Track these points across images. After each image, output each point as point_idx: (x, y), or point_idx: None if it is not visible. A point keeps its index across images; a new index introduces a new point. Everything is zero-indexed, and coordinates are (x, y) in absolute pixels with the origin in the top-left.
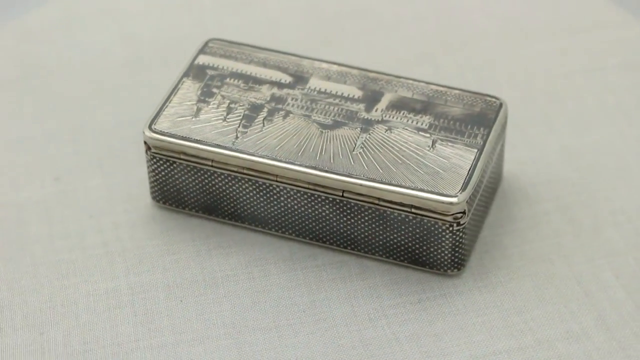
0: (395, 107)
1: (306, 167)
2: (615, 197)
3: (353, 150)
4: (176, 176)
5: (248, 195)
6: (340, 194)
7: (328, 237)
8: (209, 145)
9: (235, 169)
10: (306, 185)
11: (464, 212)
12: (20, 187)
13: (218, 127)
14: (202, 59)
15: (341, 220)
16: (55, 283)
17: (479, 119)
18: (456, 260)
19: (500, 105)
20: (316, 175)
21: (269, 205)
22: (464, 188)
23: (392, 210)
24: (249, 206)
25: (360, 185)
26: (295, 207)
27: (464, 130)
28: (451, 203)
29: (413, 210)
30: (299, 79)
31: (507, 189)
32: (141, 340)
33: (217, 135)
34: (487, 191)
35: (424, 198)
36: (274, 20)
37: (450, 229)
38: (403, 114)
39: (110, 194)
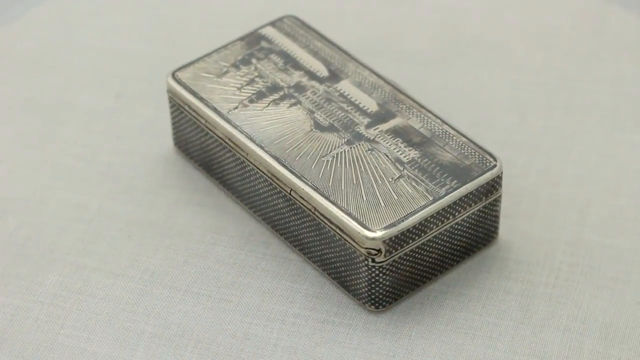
0: (394, 132)
1: (270, 155)
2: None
3: (323, 156)
4: (184, 125)
5: (229, 165)
6: (289, 191)
7: (283, 231)
8: (207, 106)
9: (221, 136)
10: (267, 173)
11: (379, 250)
12: None
13: (229, 93)
14: (267, 31)
15: (291, 218)
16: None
17: (462, 172)
18: (373, 297)
19: (493, 166)
20: (274, 167)
21: (243, 181)
22: (388, 227)
23: (324, 224)
24: (230, 176)
25: (303, 189)
26: (260, 190)
27: (436, 177)
28: (366, 237)
29: (338, 231)
30: (334, 76)
31: (499, 256)
32: (71, 255)
33: (221, 100)
34: (446, 245)
35: (347, 223)
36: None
37: (366, 262)
38: (396, 141)
39: (150, 124)
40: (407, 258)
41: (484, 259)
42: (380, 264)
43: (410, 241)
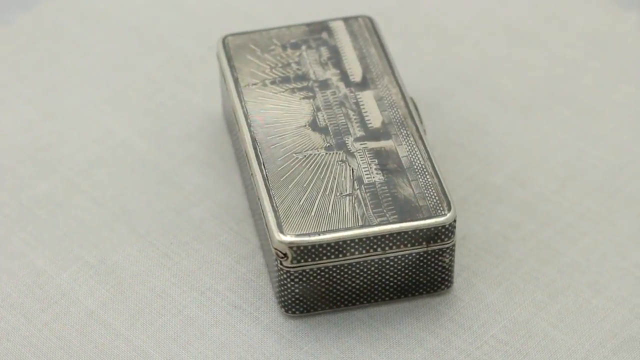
0: (376, 153)
1: (251, 136)
2: None
3: (297, 153)
4: (222, 89)
5: (234, 137)
6: (250, 174)
7: (251, 212)
8: (232, 75)
9: (230, 106)
10: (244, 151)
11: (285, 254)
12: None
13: (259, 69)
14: (336, 24)
15: (252, 201)
16: None
17: (409, 210)
18: (282, 300)
19: (442, 215)
20: (248, 148)
21: (239, 154)
22: (299, 236)
23: (261, 215)
24: (235, 146)
25: (257, 177)
26: (242, 167)
27: (382, 206)
28: (275, 237)
29: (265, 225)
30: (362, 84)
31: (437, 307)
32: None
33: (248, 74)
34: (375, 277)
35: (269, 219)
36: None
37: (276, 264)
38: (372, 162)
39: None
40: (323, 274)
41: (421, 305)
42: (288, 269)
43: (325, 257)
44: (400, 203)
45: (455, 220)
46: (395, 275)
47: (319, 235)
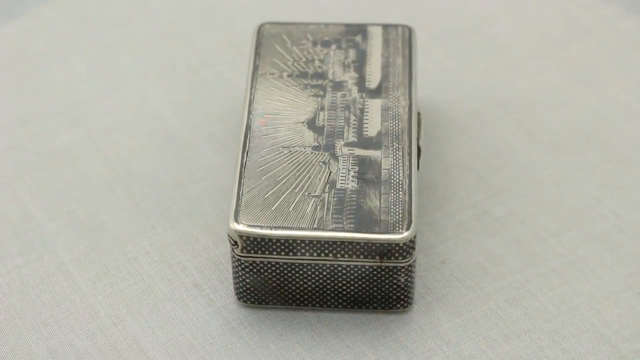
0: (360, 161)
1: (246, 123)
2: None
3: (284, 146)
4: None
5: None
6: (236, 160)
7: None
8: (254, 63)
9: (243, 91)
10: (238, 137)
11: (235, 242)
12: None
13: (282, 61)
14: (374, 30)
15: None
16: None
17: (368, 222)
18: (236, 287)
19: (398, 233)
20: (241, 134)
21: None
22: (250, 226)
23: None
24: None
25: (238, 163)
26: None
27: (343, 213)
28: (229, 224)
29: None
30: (375, 92)
31: (383, 325)
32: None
33: (269, 64)
34: (327, 283)
35: (232, 205)
36: None
37: (231, 250)
38: (352, 169)
39: None
40: (274, 269)
41: (373, 320)
42: (239, 258)
43: (275, 253)
44: (362, 213)
45: (412, 241)
46: (349, 285)
47: (271, 229)
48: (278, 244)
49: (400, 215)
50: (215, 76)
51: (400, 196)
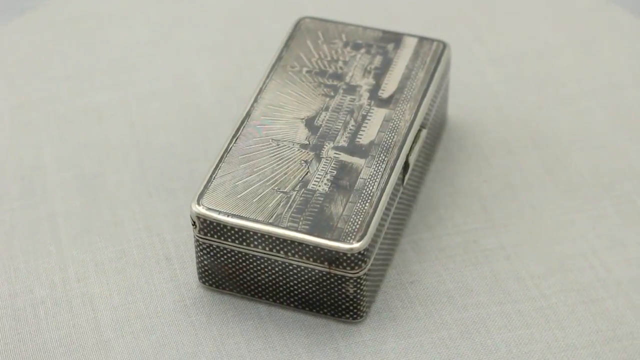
0: (341, 166)
1: (248, 109)
2: None
3: (274, 139)
4: None
5: None
6: (228, 143)
7: None
8: (280, 54)
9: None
10: (239, 118)
11: (194, 223)
12: None
13: (308, 57)
14: (410, 41)
15: None
16: None
17: (323, 227)
18: (197, 266)
19: (348, 242)
20: (239, 117)
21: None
22: (207, 209)
23: None
24: None
25: (223, 147)
26: None
27: (302, 213)
28: (190, 205)
29: None
30: (384, 102)
31: (334, 334)
32: None
33: (294, 57)
34: (280, 279)
35: (199, 186)
36: None
37: (193, 231)
38: (330, 173)
39: None
40: (229, 255)
41: (321, 325)
42: (198, 238)
43: (230, 240)
44: (321, 217)
45: (362, 254)
46: (300, 286)
47: (227, 216)
48: (232, 232)
49: (358, 226)
50: (263, 63)
51: (366, 208)
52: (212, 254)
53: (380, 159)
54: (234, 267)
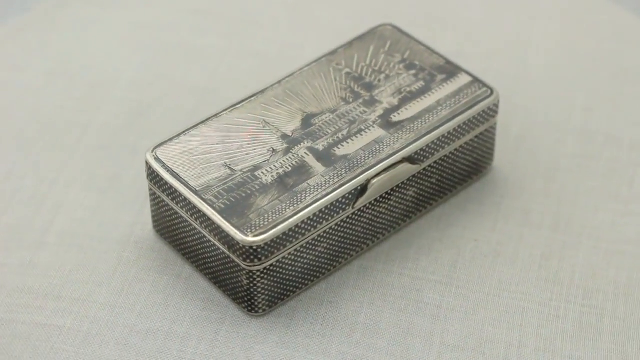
0: (299, 167)
1: (265, 86)
2: None
3: (265, 118)
4: None
5: None
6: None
7: None
8: (344, 47)
9: None
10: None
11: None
12: None
13: (361, 59)
14: (462, 78)
15: None
16: None
17: (235, 211)
18: (153, 219)
19: (244, 234)
20: (255, 91)
21: None
22: (156, 160)
23: None
24: None
25: (216, 111)
26: None
27: (230, 192)
28: (146, 153)
29: None
30: (388, 126)
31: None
32: None
33: (353, 55)
34: (197, 236)
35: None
36: None
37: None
38: (285, 169)
39: None
40: (166, 209)
41: (224, 305)
42: (148, 183)
43: (165, 194)
44: (242, 203)
45: (253, 249)
46: (211, 260)
47: (163, 170)
48: (166, 187)
49: (265, 223)
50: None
51: (287, 211)
52: (155, 202)
53: (338, 174)
54: (169, 221)
